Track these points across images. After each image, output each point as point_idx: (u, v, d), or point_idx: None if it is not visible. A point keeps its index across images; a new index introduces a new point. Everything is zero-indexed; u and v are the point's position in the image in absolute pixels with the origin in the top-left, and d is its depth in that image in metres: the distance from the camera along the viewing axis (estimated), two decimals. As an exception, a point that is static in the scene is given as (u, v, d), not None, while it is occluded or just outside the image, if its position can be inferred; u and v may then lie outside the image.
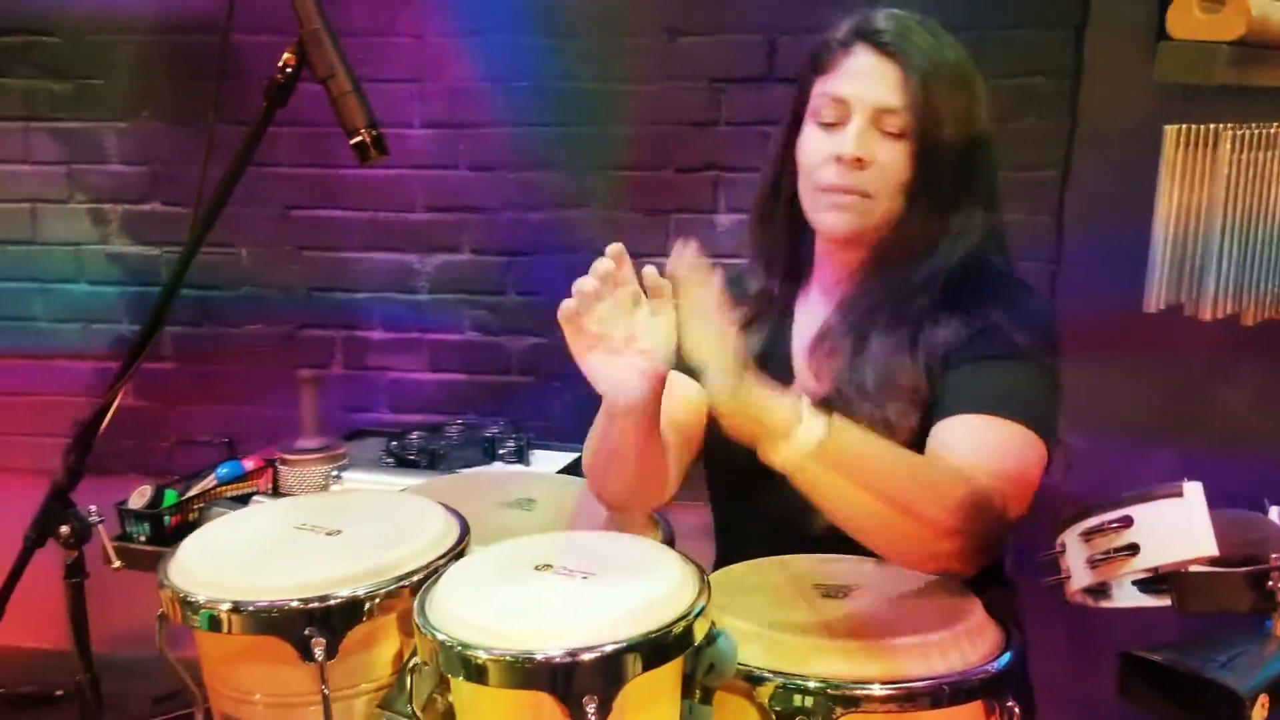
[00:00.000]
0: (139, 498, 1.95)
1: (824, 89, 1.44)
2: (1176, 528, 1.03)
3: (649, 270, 1.20)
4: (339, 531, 1.28)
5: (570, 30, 2.75)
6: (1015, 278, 1.51)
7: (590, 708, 1.02)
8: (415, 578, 1.20)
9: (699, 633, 1.09)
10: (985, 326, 1.40)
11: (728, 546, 1.62)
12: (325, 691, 1.15)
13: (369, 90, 3.17)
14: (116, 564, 1.67)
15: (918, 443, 1.36)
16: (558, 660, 1.02)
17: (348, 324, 2.96)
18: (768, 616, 1.23)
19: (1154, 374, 2.45)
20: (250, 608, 1.15)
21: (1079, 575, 1.09)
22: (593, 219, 2.84)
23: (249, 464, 2.08)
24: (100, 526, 1.60)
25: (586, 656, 1.02)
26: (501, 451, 2.37)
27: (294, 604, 1.15)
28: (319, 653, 1.14)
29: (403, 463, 2.30)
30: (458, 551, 1.27)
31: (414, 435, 2.45)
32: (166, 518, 1.98)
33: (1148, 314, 1.79)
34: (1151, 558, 1.03)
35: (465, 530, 1.31)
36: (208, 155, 1.59)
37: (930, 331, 1.42)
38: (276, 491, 2.10)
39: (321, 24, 1.48)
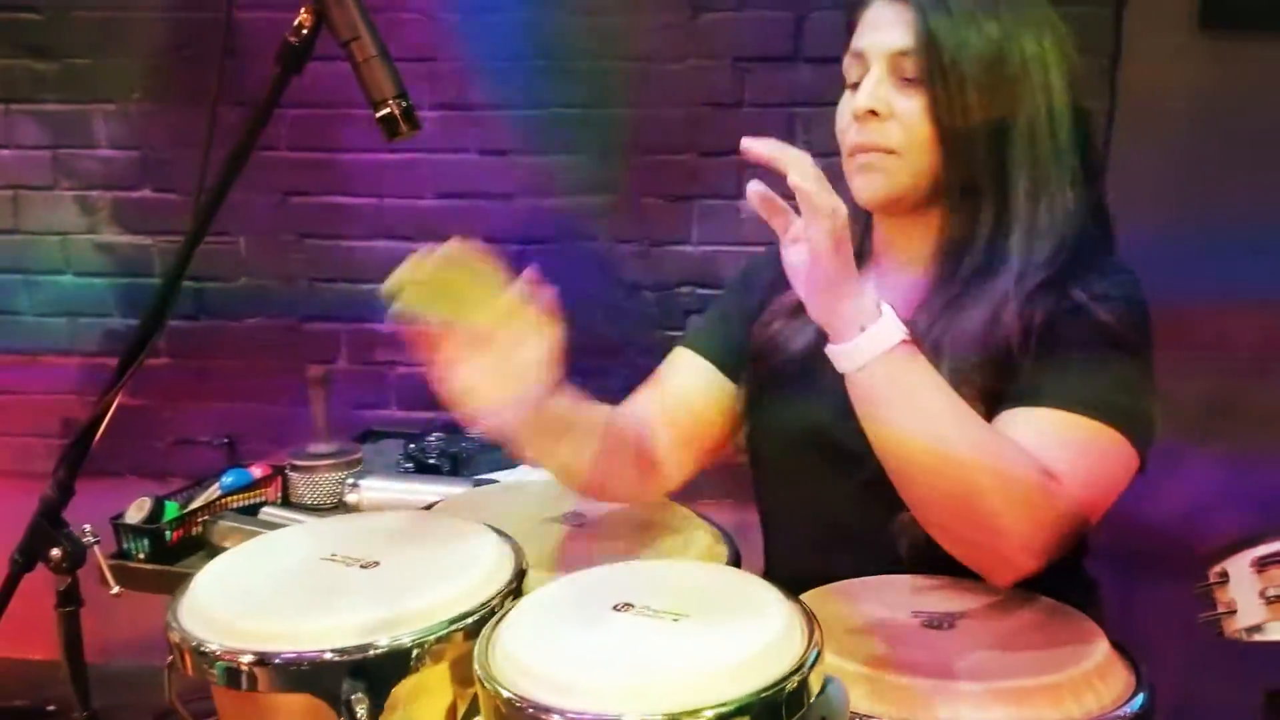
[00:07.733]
0: (137, 511, 1.76)
1: (850, 49, 1.30)
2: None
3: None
4: (375, 563, 1.11)
5: (589, 6, 2.59)
6: (1112, 258, 1.32)
7: (689, 785, 0.86)
8: (470, 620, 1.03)
9: (814, 686, 0.92)
10: (1074, 307, 1.23)
11: (776, 551, 1.47)
12: (367, 756, 0.99)
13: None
14: (115, 590, 1.49)
15: None
16: (652, 727, 0.86)
17: (354, 316, 2.79)
18: (872, 653, 1.07)
19: (1200, 369, 2.32)
20: (277, 660, 0.99)
21: (1248, 610, 0.94)
22: (610, 206, 2.69)
23: (256, 471, 1.90)
24: (96, 547, 1.42)
25: (686, 722, 0.86)
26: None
27: (329, 655, 0.98)
28: (361, 712, 0.97)
29: (423, 468, 2.13)
30: (515, 587, 1.10)
31: (432, 438, 2.28)
32: (168, 532, 1.78)
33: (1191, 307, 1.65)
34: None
35: (521, 560, 1.15)
36: (210, 138, 1.39)
37: (1008, 319, 1.24)
38: (287, 501, 1.92)
39: None
